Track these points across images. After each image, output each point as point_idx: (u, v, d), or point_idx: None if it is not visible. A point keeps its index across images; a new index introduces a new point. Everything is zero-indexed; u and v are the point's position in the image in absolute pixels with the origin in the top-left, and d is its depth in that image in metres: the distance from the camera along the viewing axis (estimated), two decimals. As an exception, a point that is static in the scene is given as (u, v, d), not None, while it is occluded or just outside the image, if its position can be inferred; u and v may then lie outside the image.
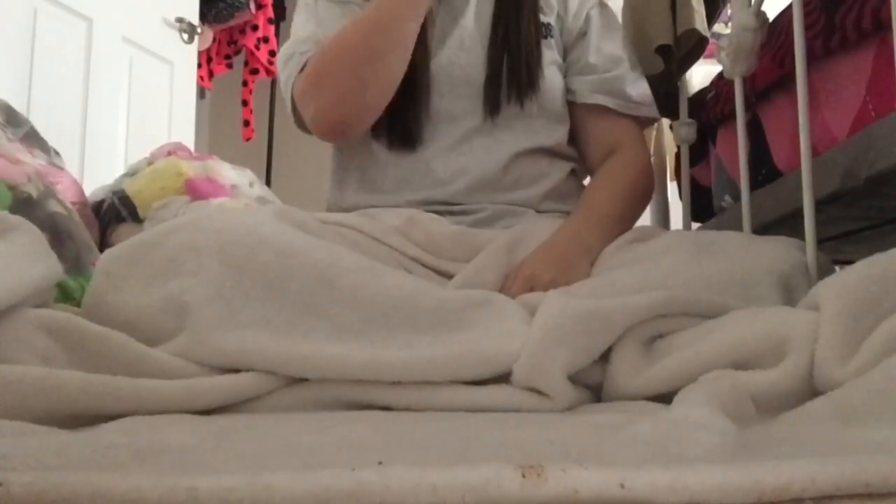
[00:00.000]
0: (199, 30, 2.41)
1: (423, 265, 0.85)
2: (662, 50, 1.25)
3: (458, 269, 0.83)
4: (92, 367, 0.56)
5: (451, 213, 0.93)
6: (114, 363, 0.57)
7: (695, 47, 1.29)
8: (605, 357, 0.65)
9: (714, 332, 0.62)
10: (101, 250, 1.20)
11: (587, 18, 1.03)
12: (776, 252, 0.75)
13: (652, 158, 1.43)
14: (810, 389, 0.56)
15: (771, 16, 0.99)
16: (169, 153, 1.60)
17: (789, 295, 0.72)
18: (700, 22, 1.23)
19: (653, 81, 1.28)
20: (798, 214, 0.85)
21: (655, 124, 1.45)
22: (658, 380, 0.62)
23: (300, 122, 1.01)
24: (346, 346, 0.62)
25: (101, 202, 1.51)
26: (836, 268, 0.80)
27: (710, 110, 1.30)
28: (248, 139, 2.95)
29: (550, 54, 0.99)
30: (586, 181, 1.05)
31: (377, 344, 0.63)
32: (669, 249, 0.77)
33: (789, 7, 0.92)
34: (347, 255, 0.68)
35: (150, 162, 1.58)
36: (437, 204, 0.93)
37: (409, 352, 0.62)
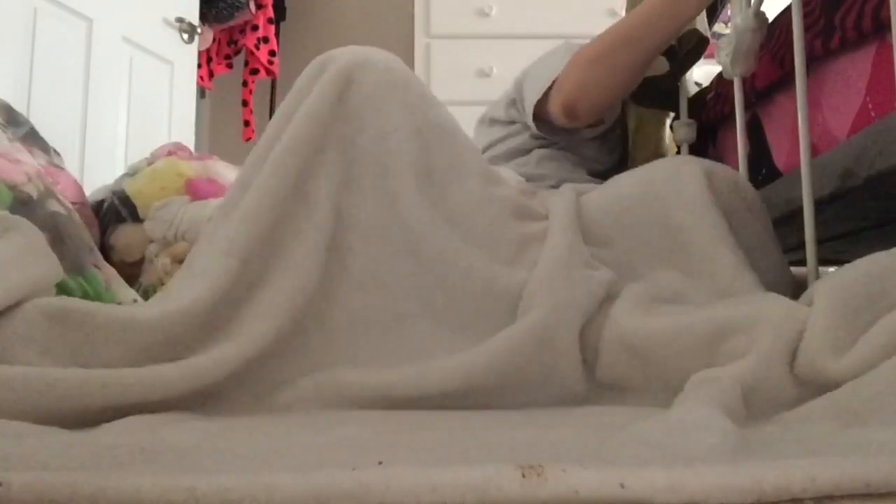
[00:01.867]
0: (199, 30, 2.41)
1: None
2: (666, 50, 1.25)
3: None
4: (92, 349, 0.56)
5: None
6: (112, 338, 0.57)
7: (695, 47, 1.29)
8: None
9: (699, 312, 0.65)
10: (102, 250, 1.20)
11: None
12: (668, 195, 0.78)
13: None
14: (790, 376, 0.56)
15: (771, 16, 0.99)
16: (169, 153, 1.60)
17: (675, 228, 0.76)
18: (700, 22, 1.24)
19: (657, 81, 1.29)
20: (798, 214, 0.85)
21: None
22: (648, 328, 0.65)
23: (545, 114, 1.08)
24: None
25: (101, 202, 1.51)
26: (832, 269, 0.80)
27: (710, 110, 1.30)
28: (248, 139, 2.95)
29: None
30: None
31: None
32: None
33: (789, 7, 0.92)
34: None
35: (150, 162, 1.58)
36: None
37: None
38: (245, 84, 2.93)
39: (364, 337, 0.67)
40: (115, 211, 1.47)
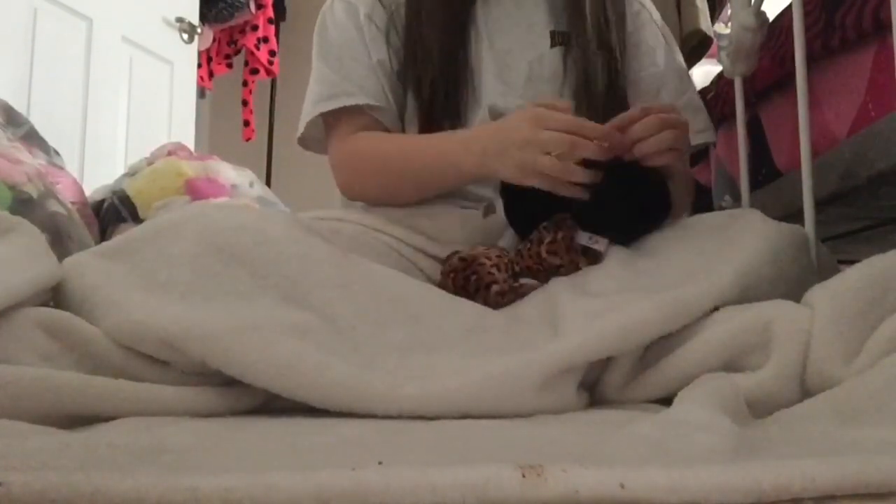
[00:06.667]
0: (199, 30, 2.41)
1: (427, 255, 0.86)
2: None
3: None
4: (91, 368, 0.56)
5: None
6: (113, 364, 0.57)
7: (698, 46, 1.29)
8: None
9: (703, 331, 0.61)
10: (101, 250, 1.20)
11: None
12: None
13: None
14: (800, 388, 0.55)
15: (771, 16, 0.99)
16: (169, 153, 1.60)
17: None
18: (704, 21, 1.24)
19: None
20: (798, 214, 0.85)
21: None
22: (651, 386, 0.62)
23: (308, 144, 1.01)
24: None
25: (101, 202, 1.51)
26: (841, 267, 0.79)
27: (710, 110, 1.30)
28: (248, 139, 2.95)
29: None
30: None
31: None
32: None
33: (789, 7, 0.92)
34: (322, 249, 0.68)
35: (150, 162, 1.58)
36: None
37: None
38: (245, 84, 2.93)
39: None
40: (115, 211, 1.47)
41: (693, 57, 1.34)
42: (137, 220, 1.43)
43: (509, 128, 0.78)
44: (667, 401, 0.56)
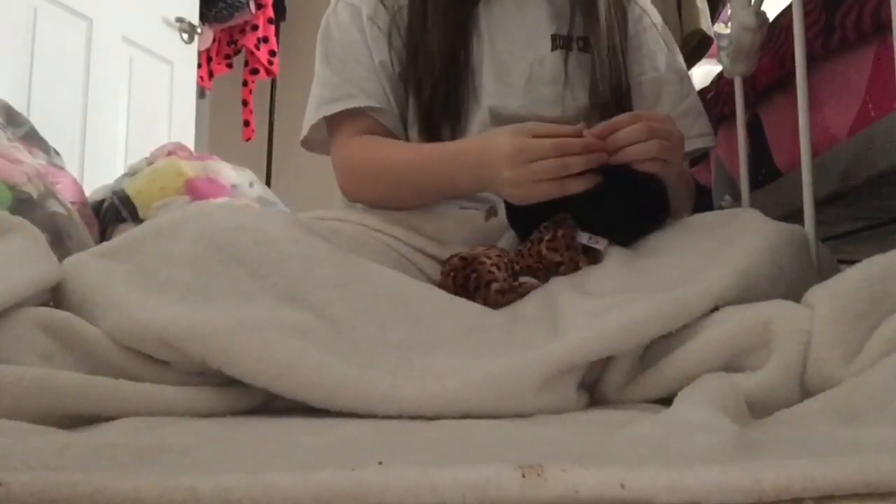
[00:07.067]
0: (199, 30, 2.41)
1: (427, 255, 0.86)
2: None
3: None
4: (91, 368, 0.56)
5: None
6: (113, 364, 0.57)
7: (699, 46, 1.29)
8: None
9: (703, 330, 0.61)
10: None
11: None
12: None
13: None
14: (800, 388, 0.55)
15: (771, 16, 0.99)
16: (169, 153, 1.60)
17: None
18: (705, 21, 1.24)
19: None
20: (798, 214, 0.85)
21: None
22: (651, 386, 0.62)
23: (311, 146, 1.02)
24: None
25: (101, 202, 1.51)
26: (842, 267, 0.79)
27: (710, 110, 1.30)
28: (248, 139, 2.95)
29: None
30: None
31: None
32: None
33: (789, 7, 0.92)
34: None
35: (150, 162, 1.58)
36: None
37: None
38: (245, 84, 2.93)
39: None
40: (115, 211, 1.48)
41: (693, 57, 1.35)
42: (137, 220, 1.43)
43: (495, 169, 0.78)
44: (667, 401, 0.56)
